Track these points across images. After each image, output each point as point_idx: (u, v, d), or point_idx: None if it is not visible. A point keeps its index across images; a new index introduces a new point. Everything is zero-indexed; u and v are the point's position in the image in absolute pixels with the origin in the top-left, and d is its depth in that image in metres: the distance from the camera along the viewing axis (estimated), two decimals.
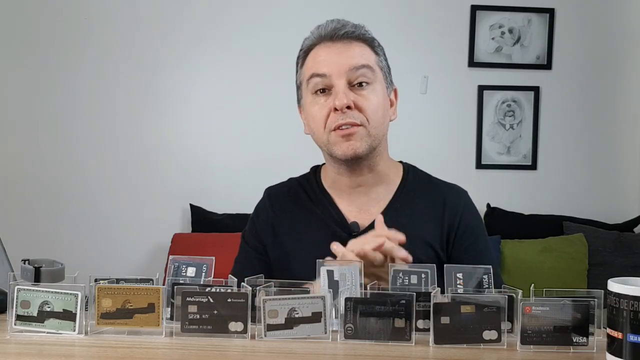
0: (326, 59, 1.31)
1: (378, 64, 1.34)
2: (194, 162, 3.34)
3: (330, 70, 1.29)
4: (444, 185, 1.45)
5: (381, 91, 1.34)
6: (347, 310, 0.97)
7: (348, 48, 1.31)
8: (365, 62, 1.31)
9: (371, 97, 1.31)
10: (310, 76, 1.32)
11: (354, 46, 1.32)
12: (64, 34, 3.29)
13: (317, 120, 1.32)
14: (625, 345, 0.86)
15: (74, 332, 0.99)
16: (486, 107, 3.44)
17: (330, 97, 1.30)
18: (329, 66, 1.30)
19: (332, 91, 1.30)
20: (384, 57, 1.37)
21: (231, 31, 3.34)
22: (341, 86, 1.29)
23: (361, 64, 1.30)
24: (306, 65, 1.35)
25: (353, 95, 1.29)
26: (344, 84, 1.29)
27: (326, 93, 1.31)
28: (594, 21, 3.47)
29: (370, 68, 1.31)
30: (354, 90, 1.30)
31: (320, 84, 1.31)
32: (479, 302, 0.96)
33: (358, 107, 1.29)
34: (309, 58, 1.35)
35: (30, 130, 3.29)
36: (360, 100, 1.29)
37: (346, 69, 1.29)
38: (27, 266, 1.09)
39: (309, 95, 1.34)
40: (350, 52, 1.31)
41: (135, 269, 3.25)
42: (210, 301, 0.98)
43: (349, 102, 1.27)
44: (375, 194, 1.38)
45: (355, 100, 1.29)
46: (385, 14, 3.29)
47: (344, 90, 1.28)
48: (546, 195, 3.45)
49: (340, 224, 1.36)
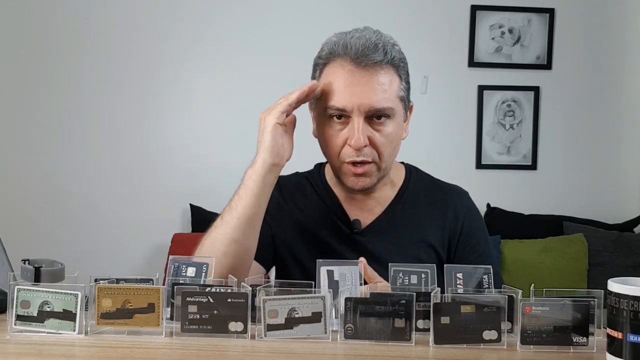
0: (346, 91, 1.24)
1: (399, 94, 1.28)
2: (194, 162, 3.34)
3: (350, 107, 1.24)
4: (446, 186, 1.45)
5: (399, 121, 1.30)
6: (347, 310, 0.97)
7: (372, 78, 1.24)
8: (388, 104, 1.25)
9: (387, 132, 1.27)
10: (327, 106, 1.27)
11: (379, 75, 1.24)
12: (64, 34, 3.29)
13: (330, 146, 1.30)
14: (625, 345, 0.86)
15: (74, 332, 0.99)
16: (486, 107, 3.44)
17: (346, 128, 1.26)
18: (348, 101, 1.24)
19: (349, 123, 1.26)
20: (406, 79, 1.31)
21: (231, 30, 3.34)
22: (359, 124, 1.24)
23: (382, 107, 1.25)
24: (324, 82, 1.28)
25: (370, 131, 1.25)
26: (362, 121, 1.24)
27: (342, 121, 1.27)
28: (594, 21, 3.47)
29: (392, 108, 1.26)
30: (372, 124, 1.26)
31: (336, 114, 1.27)
32: (479, 302, 0.96)
33: (373, 144, 1.26)
34: (328, 73, 1.28)
35: (30, 131, 3.29)
36: (376, 136, 1.26)
37: (366, 108, 1.24)
38: (27, 266, 1.09)
39: (325, 115, 1.29)
40: (373, 85, 1.23)
41: (135, 269, 3.25)
42: (210, 301, 0.98)
43: (365, 143, 1.25)
44: (377, 194, 1.39)
45: (371, 137, 1.25)
46: (385, 14, 3.29)
47: (361, 130, 1.24)
48: (546, 195, 3.45)
49: (343, 220, 1.38)
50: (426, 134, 3.32)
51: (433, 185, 1.44)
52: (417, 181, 1.43)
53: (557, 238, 3.18)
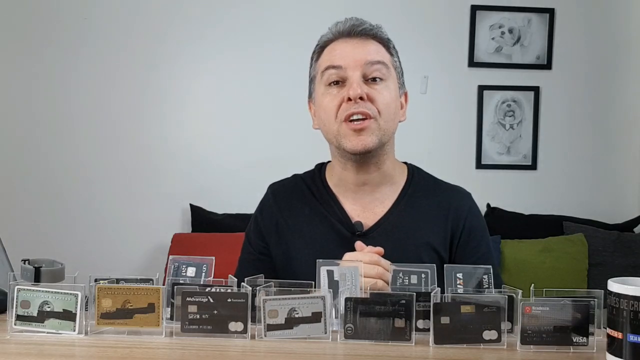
0: (342, 52, 1.33)
1: (392, 63, 1.37)
2: (194, 162, 3.34)
3: (346, 63, 1.31)
4: (448, 187, 1.45)
5: (394, 89, 1.35)
6: (347, 310, 0.97)
7: (364, 44, 1.33)
8: (381, 58, 1.33)
9: (384, 92, 1.32)
10: (325, 68, 1.34)
11: (370, 44, 1.34)
12: (63, 34, 3.29)
13: (328, 110, 1.33)
14: (625, 345, 0.86)
15: (74, 332, 0.99)
16: (486, 107, 3.44)
17: (344, 88, 1.32)
18: (344, 59, 1.31)
19: (346, 83, 1.31)
20: (397, 59, 1.40)
21: (230, 30, 3.34)
22: (356, 77, 1.30)
23: (377, 60, 1.32)
24: (322, 59, 1.37)
25: (367, 88, 1.30)
26: (359, 76, 1.30)
27: (340, 85, 1.33)
28: (594, 21, 3.47)
29: (385, 65, 1.33)
30: (368, 84, 1.32)
31: (334, 76, 1.32)
32: (479, 302, 0.96)
33: (370, 99, 1.30)
34: (324, 52, 1.36)
35: (30, 130, 3.29)
36: (373, 92, 1.31)
37: (362, 62, 1.31)
38: (27, 266, 1.09)
39: (322, 87, 1.35)
40: (366, 48, 1.33)
41: (135, 269, 3.25)
42: (210, 301, 0.98)
43: (362, 93, 1.28)
44: (380, 193, 1.38)
45: (368, 93, 1.30)
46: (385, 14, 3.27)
47: (358, 82, 1.30)
48: (546, 195, 3.45)
49: (344, 223, 1.36)
50: (426, 134, 3.32)
51: (435, 186, 1.43)
52: (419, 181, 1.42)
53: (557, 238, 3.18)
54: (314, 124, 1.42)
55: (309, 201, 1.41)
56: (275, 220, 1.41)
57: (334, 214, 1.38)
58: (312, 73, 1.40)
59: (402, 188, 1.40)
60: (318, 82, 1.37)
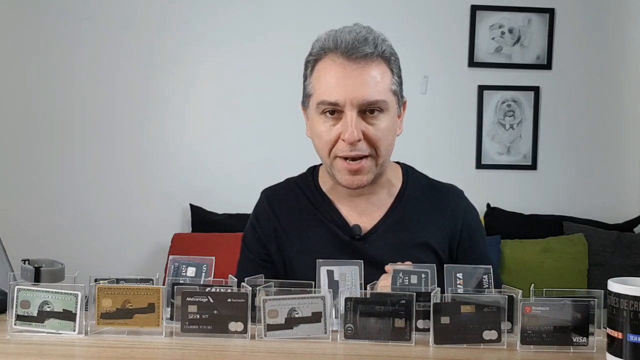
0: (338, 84, 1.23)
1: (391, 87, 1.27)
2: (194, 162, 3.34)
3: (343, 100, 1.22)
4: (442, 187, 1.43)
5: (392, 117, 1.29)
6: (347, 310, 0.97)
7: (364, 71, 1.23)
8: (381, 97, 1.24)
9: (382, 126, 1.25)
10: (319, 101, 1.26)
11: (371, 68, 1.23)
12: (62, 34, 3.29)
13: (322, 142, 1.28)
14: (625, 345, 0.86)
15: (74, 332, 0.99)
16: (486, 107, 3.44)
17: (339, 123, 1.24)
18: (341, 94, 1.22)
19: (342, 118, 1.24)
20: (398, 74, 1.30)
21: (229, 31, 3.33)
22: (352, 117, 1.22)
23: (375, 100, 1.23)
24: (315, 78, 1.28)
25: (363, 125, 1.24)
26: (355, 114, 1.23)
27: (335, 117, 1.25)
28: (594, 21, 3.47)
29: (385, 101, 1.25)
30: (365, 118, 1.24)
31: (329, 109, 1.25)
32: (479, 302, 0.96)
33: (367, 138, 1.24)
34: (319, 69, 1.27)
35: (30, 130, 3.29)
36: (370, 130, 1.24)
37: (359, 101, 1.22)
38: (27, 266, 1.09)
39: (316, 114, 1.28)
40: (365, 77, 1.23)
41: (135, 269, 3.25)
42: (210, 301, 0.98)
43: (359, 137, 1.22)
44: (376, 198, 1.37)
45: (365, 131, 1.23)
46: (385, 14, 3.29)
47: (355, 123, 1.22)
48: (546, 195, 3.45)
49: (343, 227, 1.35)
50: (426, 134, 3.32)
51: (430, 186, 1.42)
52: (414, 183, 1.41)
53: (557, 238, 3.18)
54: (307, 132, 1.35)
55: (305, 206, 1.39)
56: (273, 227, 1.39)
57: (331, 219, 1.35)
58: (307, 88, 1.31)
59: (399, 191, 1.38)
60: (312, 105, 1.29)
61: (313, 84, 1.29)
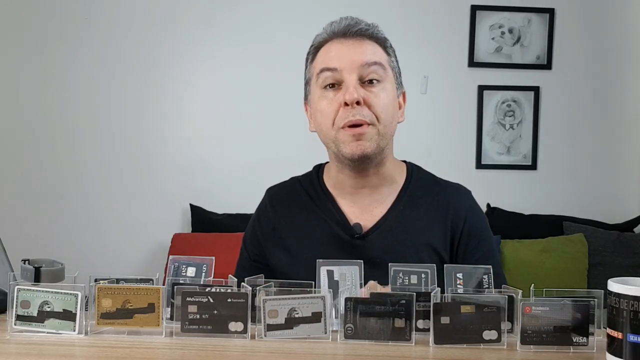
0: (338, 54, 1.30)
1: (389, 63, 1.33)
2: (194, 162, 3.34)
3: (342, 65, 1.28)
4: (448, 185, 1.42)
5: (391, 90, 1.32)
6: (347, 310, 0.97)
7: (360, 45, 1.30)
8: (378, 59, 1.30)
9: (381, 95, 1.29)
10: (320, 70, 1.31)
11: (366, 44, 1.31)
12: (62, 34, 3.29)
13: (325, 115, 1.30)
14: (625, 345, 0.86)
15: (74, 332, 0.99)
16: (486, 107, 3.44)
17: (340, 92, 1.29)
18: (340, 61, 1.28)
19: (342, 86, 1.28)
20: (395, 59, 1.36)
21: (229, 31, 3.34)
22: (352, 81, 1.27)
23: (373, 61, 1.29)
24: (317, 60, 1.34)
25: (363, 92, 1.27)
26: (355, 79, 1.28)
27: (336, 88, 1.30)
28: (594, 21, 3.47)
29: (382, 66, 1.30)
30: (365, 87, 1.28)
31: (330, 79, 1.30)
32: (479, 302, 0.96)
33: (368, 104, 1.27)
34: (320, 53, 1.34)
35: (30, 130, 3.29)
36: (370, 97, 1.28)
37: (358, 64, 1.28)
38: (27, 266, 1.09)
39: (318, 90, 1.32)
40: (362, 48, 1.30)
41: (135, 269, 3.25)
42: (210, 301, 0.98)
43: (359, 97, 1.26)
44: (378, 194, 1.37)
45: (365, 97, 1.27)
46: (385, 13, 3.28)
47: (354, 85, 1.27)
48: (546, 195, 3.45)
49: (343, 226, 1.34)
50: (426, 134, 3.32)
51: (435, 185, 1.41)
52: (418, 180, 1.40)
53: (557, 238, 3.18)
54: (310, 127, 1.39)
55: (307, 205, 1.39)
56: (272, 226, 1.40)
57: (332, 218, 1.36)
58: (307, 75, 1.37)
59: (401, 188, 1.38)
60: (314, 84, 1.34)
61: (314, 65, 1.34)
